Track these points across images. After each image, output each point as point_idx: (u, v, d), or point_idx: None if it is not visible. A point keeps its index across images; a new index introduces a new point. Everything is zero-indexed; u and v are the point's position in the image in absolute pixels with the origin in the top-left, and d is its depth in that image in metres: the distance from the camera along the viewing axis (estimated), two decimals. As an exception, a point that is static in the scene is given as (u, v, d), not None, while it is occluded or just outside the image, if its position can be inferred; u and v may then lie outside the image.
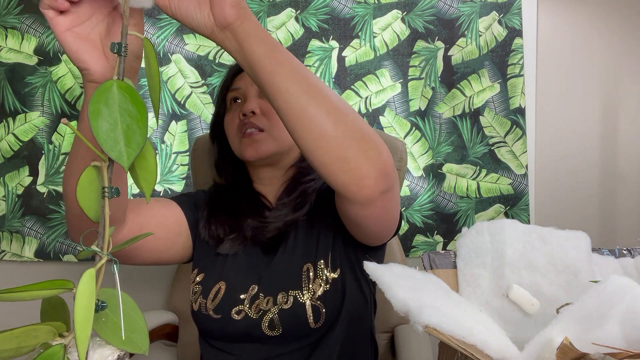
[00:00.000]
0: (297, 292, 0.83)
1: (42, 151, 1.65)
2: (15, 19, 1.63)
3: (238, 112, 0.93)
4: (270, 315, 0.83)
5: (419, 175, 1.64)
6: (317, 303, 0.82)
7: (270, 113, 0.90)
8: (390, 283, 0.51)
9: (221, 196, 0.98)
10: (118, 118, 0.43)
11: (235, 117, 0.94)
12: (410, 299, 0.49)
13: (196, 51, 1.65)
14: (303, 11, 1.62)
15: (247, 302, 0.86)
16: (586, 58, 1.67)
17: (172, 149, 1.66)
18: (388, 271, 0.55)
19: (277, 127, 0.91)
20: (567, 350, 0.42)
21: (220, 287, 0.88)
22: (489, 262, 0.61)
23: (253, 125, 0.90)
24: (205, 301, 0.88)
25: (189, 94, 1.65)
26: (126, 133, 0.42)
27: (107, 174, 0.43)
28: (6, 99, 1.64)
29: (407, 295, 0.49)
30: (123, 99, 0.43)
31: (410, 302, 0.48)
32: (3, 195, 1.66)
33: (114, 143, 0.42)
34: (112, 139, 0.42)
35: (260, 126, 0.90)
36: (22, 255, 1.66)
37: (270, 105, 0.89)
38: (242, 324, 0.85)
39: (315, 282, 0.84)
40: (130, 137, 0.43)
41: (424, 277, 0.57)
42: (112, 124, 0.42)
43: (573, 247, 0.60)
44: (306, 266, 0.86)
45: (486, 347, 0.46)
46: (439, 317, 0.47)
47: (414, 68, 1.63)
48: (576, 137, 1.68)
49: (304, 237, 0.90)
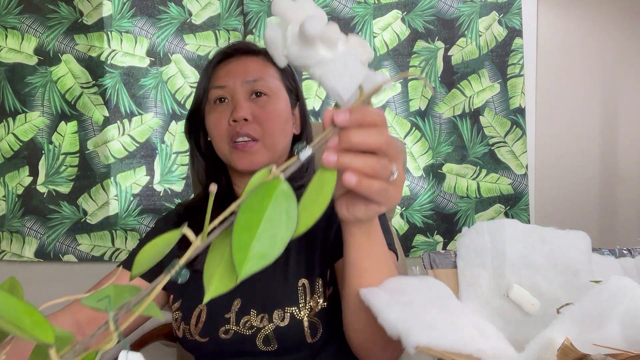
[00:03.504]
0: (294, 309, 0.79)
1: (42, 151, 1.65)
2: (15, 19, 1.63)
3: (226, 116, 0.86)
4: (265, 332, 0.80)
5: (419, 175, 1.64)
6: (315, 319, 0.79)
7: (263, 119, 0.85)
8: (380, 307, 0.50)
9: (191, 212, 0.93)
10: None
11: (222, 120, 0.87)
12: (400, 321, 0.48)
13: (196, 51, 1.65)
14: (303, 11, 1.62)
15: (233, 320, 0.81)
16: (586, 58, 1.67)
17: (172, 149, 1.66)
18: (380, 291, 0.54)
19: (270, 134, 0.86)
20: (567, 350, 0.42)
21: (202, 310, 0.83)
22: (489, 262, 0.61)
23: (246, 135, 0.84)
24: (189, 327, 0.83)
25: (189, 93, 1.65)
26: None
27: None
28: (6, 99, 1.64)
29: (397, 316, 0.49)
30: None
31: (400, 325, 0.47)
32: (3, 195, 1.66)
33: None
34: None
35: (254, 136, 0.85)
36: (22, 255, 1.66)
37: (262, 109, 0.86)
38: (232, 341, 0.81)
39: (312, 298, 0.80)
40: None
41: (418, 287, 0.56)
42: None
43: (573, 247, 0.60)
44: (301, 282, 0.82)
45: (482, 354, 0.46)
46: (428, 335, 0.46)
47: (414, 68, 1.63)
48: (576, 137, 1.68)
49: (296, 252, 0.85)
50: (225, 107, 0.87)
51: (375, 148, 0.46)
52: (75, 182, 1.65)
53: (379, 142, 0.46)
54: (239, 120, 0.84)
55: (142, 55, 1.64)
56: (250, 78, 0.87)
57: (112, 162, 1.64)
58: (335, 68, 0.47)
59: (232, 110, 0.86)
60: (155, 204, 1.66)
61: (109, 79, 1.62)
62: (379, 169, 0.46)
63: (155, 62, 1.64)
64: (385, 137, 0.46)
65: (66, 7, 1.63)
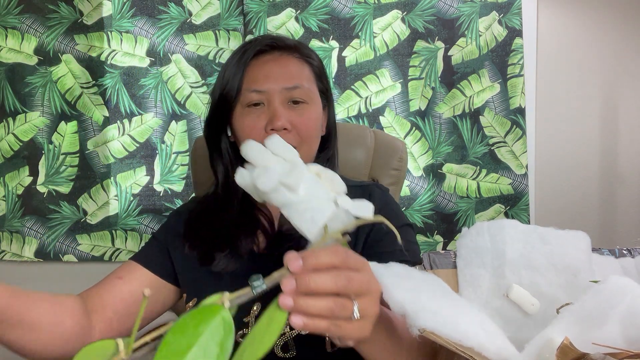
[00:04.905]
0: None
1: (42, 151, 1.65)
2: (15, 19, 1.63)
3: (262, 122, 0.82)
4: (285, 339, 0.78)
5: (419, 175, 1.64)
6: None
7: (301, 128, 0.83)
8: (388, 284, 0.50)
9: (208, 210, 0.90)
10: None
11: (257, 126, 0.83)
12: (408, 301, 0.49)
13: (196, 51, 1.65)
14: (303, 11, 1.62)
15: (252, 324, 0.79)
16: (586, 58, 1.67)
17: (172, 149, 1.66)
18: (388, 271, 0.54)
19: (307, 142, 0.84)
20: (567, 350, 0.42)
21: None
22: (489, 262, 0.61)
23: None
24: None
25: (189, 94, 1.65)
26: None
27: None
28: (6, 99, 1.64)
29: (404, 297, 0.49)
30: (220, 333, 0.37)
31: (407, 305, 0.48)
32: (3, 195, 1.66)
33: None
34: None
35: (293, 145, 0.82)
36: (22, 255, 1.66)
37: (300, 118, 0.83)
38: None
39: None
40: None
41: (423, 277, 0.56)
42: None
43: (573, 247, 0.60)
44: None
45: (484, 349, 0.46)
46: (435, 321, 0.46)
47: (414, 68, 1.63)
48: (576, 137, 1.68)
49: None
50: (260, 112, 0.83)
51: (332, 292, 0.45)
52: (75, 182, 1.65)
53: (336, 286, 0.45)
54: (278, 130, 0.81)
55: (142, 55, 1.64)
56: (290, 85, 0.83)
57: (112, 162, 1.64)
58: (298, 210, 0.50)
59: (269, 118, 0.82)
60: (155, 204, 1.66)
61: (109, 79, 1.62)
62: (336, 310, 0.45)
63: (155, 62, 1.64)
64: (342, 279, 0.45)
65: (66, 7, 1.63)
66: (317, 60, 0.92)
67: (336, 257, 0.46)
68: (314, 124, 0.86)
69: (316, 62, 0.91)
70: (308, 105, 0.85)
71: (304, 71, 0.87)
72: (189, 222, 0.89)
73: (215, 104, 0.88)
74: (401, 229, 0.88)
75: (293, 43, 0.89)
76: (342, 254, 0.47)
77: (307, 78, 0.87)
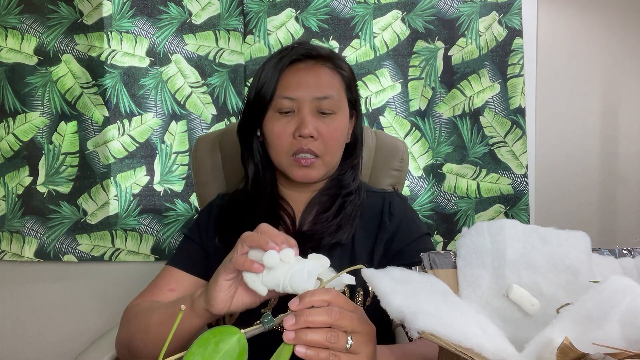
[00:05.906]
0: None
1: (42, 151, 1.65)
2: (15, 19, 1.63)
3: (291, 129, 0.87)
4: None
5: (419, 175, 1.64)
6: None
7: (327, 137, 0.87)
8: (385, 291, 0.51)
9: (239, 205, 0.94)
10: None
11: (286, 132, 0.88)
12: (406, 306, 0.49)
13: (196, 51, 1.65)
14: (303, 11, 1.62)
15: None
16: (586, 58, 1.67)
17: (172, 149, 1.66)
18: (385, 277, 0.55)
19: (331, 152, 0.89)
20: (567, 350, 0.42)
21: None
22: (489, 262, 0.61)
23: (309, 151, 0.87)
24: (222, 317, 0.84)
25: (189, 94, 1.65)
26: None
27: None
28: (6, 99, 1.64)
29: (402, 302, 0.50)
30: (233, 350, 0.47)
31: (405, 309, 0.49)
32: (3, 195, 1.66)
33: None
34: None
35: (317, 153, 0.87)
36: (22, 255, 1.66)
37: (327, 127, 0.88)
38: (266, 336, 0.85)
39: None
40: None
41: (422, 280, 0.56)
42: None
43: (573, 247, 0.60)
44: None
45: (483, 349, 0.46)
46: (433, 323, 0.47)
47: (414, 68, 1.63)
48: (576, 137, 1.68)
49: (339, 258, 0.87)
50: (290, 119, 0.88)
51: (327, 324, 0.55)
52: (75, 182, 1.65)
53: (330, 318, 0.55)
54: (306, 137, 0.86)
55: (142, 55, 1.64)
56: (320, 95, 0.87)
57: (112, 162, 1.64)
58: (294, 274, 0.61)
59: (297, 125, 0.87)
60: (155, 204, 1.66)
61: (109, 79, 1.62)
62: (332, 339, 0.54)
63: (155, 62, 1.64)
64: (334, 312, 0.55)
65: (66, 7, 1.63)
66: (348, 70, 0.95)
67: (328, 295, 0.56)
68: (339, 134, 0.90)
69: (347, 72, 0.95)
70: (336, 115, 0.89)
71: (335, 81, 0.91)
72: (220, 216, 0.94)
73: (249, 105, 0.92)
74: (420, 238, 0.92)
75: (327, 53, 0.93)
76: (334, 293, 0.57)
77: (337, 88, 0.91)
